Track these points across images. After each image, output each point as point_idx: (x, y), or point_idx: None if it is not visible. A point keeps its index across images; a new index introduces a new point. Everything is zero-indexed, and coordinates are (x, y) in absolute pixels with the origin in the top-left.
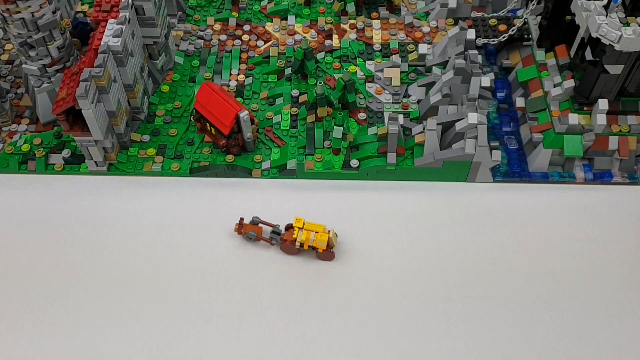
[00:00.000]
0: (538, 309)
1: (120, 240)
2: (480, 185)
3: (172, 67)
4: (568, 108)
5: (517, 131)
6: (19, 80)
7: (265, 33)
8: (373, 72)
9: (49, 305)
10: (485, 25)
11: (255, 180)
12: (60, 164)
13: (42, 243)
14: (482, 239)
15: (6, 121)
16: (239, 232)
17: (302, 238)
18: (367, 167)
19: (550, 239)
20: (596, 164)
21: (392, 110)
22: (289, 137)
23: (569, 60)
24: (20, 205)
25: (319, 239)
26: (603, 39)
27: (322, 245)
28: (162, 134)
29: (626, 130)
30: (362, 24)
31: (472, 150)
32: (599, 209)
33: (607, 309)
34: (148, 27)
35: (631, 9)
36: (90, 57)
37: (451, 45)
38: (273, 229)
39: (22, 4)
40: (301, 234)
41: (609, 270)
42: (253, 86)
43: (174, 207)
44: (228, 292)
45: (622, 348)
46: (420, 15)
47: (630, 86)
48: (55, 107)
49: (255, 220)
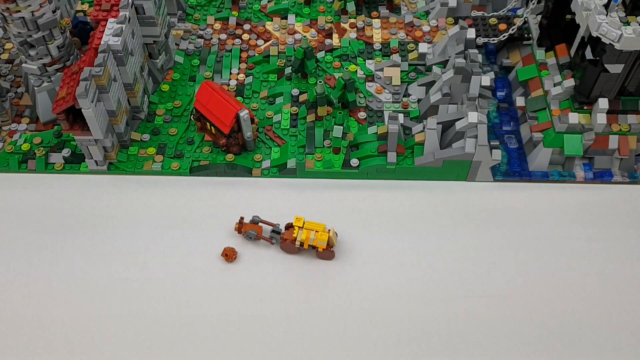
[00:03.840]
0: (538, 308)
1: (120, 239)
2: (480, 184)
3: (172, 66)
4: (568, 107)
5: (517, 130)
6: (19, 80)
7: (266, 32)
8: (373, 71)
9: (49, 305)
10: (485, 24)
11: (256, 179)
12: (60, 163)
13: (42, 242)
14: (482, 238)
15: (6, 120)
16: (239, 231)
17: (302, 237)
18: (367, 167)
19: (550, 238)
20: (596, 163)
21: (392, 109)
22: (289, 137)
23: (569, 59)
24: (20, 205)
25: (319, 238)
26: (603, 38)
27: (322, 245)
28: (162, 133)
29: (626, 129)
30: (362, 23)
31: (472, 149)
32: (599, 208)
33: (608, 307)
34: (148, 26)
35: (631, 8)
36: (90, 56)
37: (451, 45)
38: (273, 228)
39: (22, 3)
40: (301, 233)
41: (609, 269)
42: (253, 85)
43: (174, 207)
44: (228, 292)
45: (621, 347)
46: (421, 14)
47: (630, 85)
48: (55, 106)
49: (255, 219)
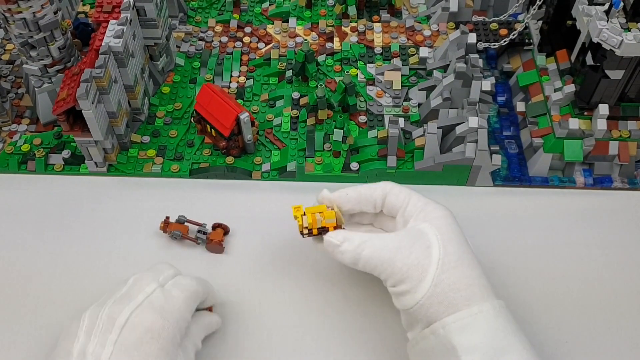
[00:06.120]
0: (537, 314)
1: (120, 241)
2: (480, 189)
3: (172, 69)
4: (568, 113)
5: (517, 135)
6: (19, 80)
7: (267, 35)
8: (374, 75)
9: (48, 305)
10: (486, 29)
11: (255, 182)
12: (60, 165)
13: (41, 243)
14: (481, 243)
15: (6, 121)
16: (164, 230)
17: (309, 221)
18: (367, 170)
19: (550, 243)
20: (596, 169)
21: (393, 113)
22: (289, 140)
23: (569, 65)
24: (19, 205)
25: (326, 216)
26: (604, 44)
27: (332, 223)
28: (163, 135)
29: (626, 135)
30: (363, 27)
31: (472, 154)
32: (598, 214)
33: (607, 314)
34: (149, 28)
35: (632, 14)
36: (91, 57)
37: (452, 49)
38: (199, 228)
39: (24, 4)
40: (305, 218)
41: (609, 275)
42: (254, 88)
43: (173, 209)
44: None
45: (621, 352)
46: (422, 18)
47: (630, 91)
48: (55, 108)
49: (181, 219)
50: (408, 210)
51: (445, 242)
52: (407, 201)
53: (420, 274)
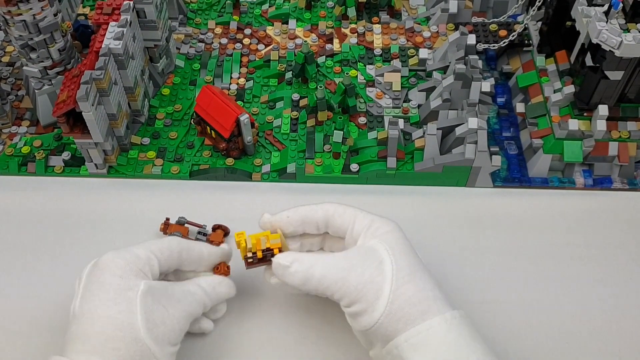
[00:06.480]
0: (537, 315)
1: (120, 242)
2: (480, 190)
3: (172, 70)
4: (568, 114)
5: (517, 136)
6: (19, 82)
7: (266, 37)
8: (373, 76)
9: (48, 307)
10: (485, 30)
11: (255, 183)
12: (60, 166)
13: (41, 245)
14: (481, 244)
15: (6, 123)
16: (164, 231)
17: (252, 242)
18: (367, 172)
19: (549, 244)
20: (596, 169)
21: (393, 114)
22: (289, 141)
23: (569, 66)
24: (19, 207)
25: (270, 238)
26: (603, 45)
27: (277, 244)
28: (163, 136)
29: (626, 136)
30: (363, 29)
31: (472, 155)
32: (598, 215)
33: (607, 315)
34: (149, 30)
35: (631, 15)
36: (91, 59)
37: (452, 50)
38: (199, 229)
39: (24, 6)
40: (249, 239)
41: (609, 275)
42: (253, 90)
43: (173, 210)
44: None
45: (621, 353)
46: (421, 20)
47: (630, 92)
48: (55, 110)
49: (181, 220)
50: (356, 229)
51: (396, 257)
52: (353, 220)
53: (376, 292)
